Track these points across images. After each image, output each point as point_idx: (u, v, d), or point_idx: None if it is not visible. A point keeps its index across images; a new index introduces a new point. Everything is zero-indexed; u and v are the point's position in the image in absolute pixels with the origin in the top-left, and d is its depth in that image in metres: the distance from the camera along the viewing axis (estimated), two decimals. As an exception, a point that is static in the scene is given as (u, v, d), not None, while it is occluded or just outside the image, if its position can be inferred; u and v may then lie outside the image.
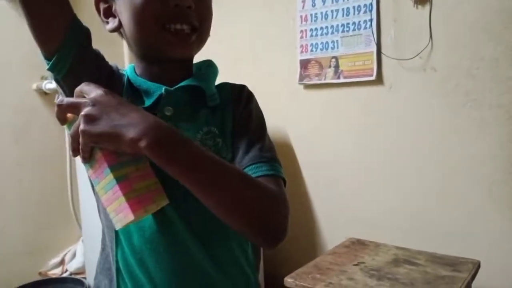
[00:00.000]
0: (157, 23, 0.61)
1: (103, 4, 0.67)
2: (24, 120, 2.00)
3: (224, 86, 0.74)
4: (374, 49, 1.66)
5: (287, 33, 1.92)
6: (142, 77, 0.69)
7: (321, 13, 1.80)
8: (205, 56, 0.76)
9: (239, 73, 2.03)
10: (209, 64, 0.75)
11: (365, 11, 1.68)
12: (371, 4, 1.65)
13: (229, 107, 0.71)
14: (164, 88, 0.65)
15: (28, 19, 0.57)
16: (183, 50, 0.64)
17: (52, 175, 2.09)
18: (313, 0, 1.81)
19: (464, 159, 1.52)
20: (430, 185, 1.59)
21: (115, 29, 0.67)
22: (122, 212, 0.52)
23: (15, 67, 1.94)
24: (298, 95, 1.92)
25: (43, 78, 2.00)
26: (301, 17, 1.86)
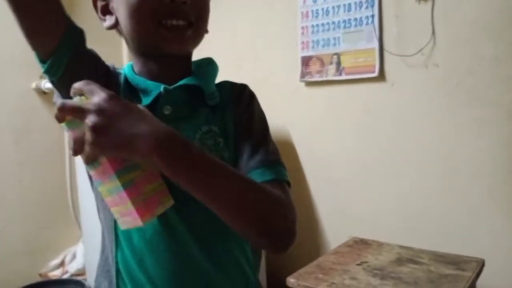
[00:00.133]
0: (153, 19, 0.61)
1: (100, 2, 0.67)
2: (24, 120, 1.99)
3: (224, 85, 0.73)
4: (376, 45, 1.64)
5: (288, 30, 1.91)
6: (140, 75, 0.68)
7: (322, 9, 1.78)
8: (205, 54, 0.75)
9: (240, 71, 2.02)
10: (209, 62, 0.74)
11: (366, 7, 1.66)
12: (373, 0, 1.63)
13: (229, 106, 0.70)
14: (163, 86, 0.64)
15: (20, 23, 0.56)
16: (179, 45, 0.64)
17: (52, 175, 2.08)
18: (314, -4, 1.79)
19: (465, 157, 1.50)
20: (431, 183, 1.58)
21: (112, 26, 0.67)
22: (129, 216, 0.51)
23: (13, 66, 1.93)
24: (300, 93, 1.90)
25: (42, 77, 1.98)
26: (302, 13, 1.85)
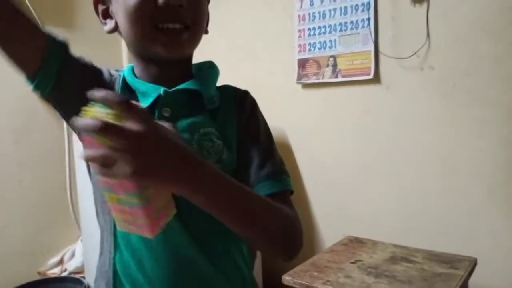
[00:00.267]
0: (149, 23, 0.61)
1: (101, 6, 0.68)
2: (24, 120, 2.01)
3: (227, 89, 0.74)
4: (372, 48, 1.67)
5: (285, 33, 1.93)
6: (141, 77, 0.69)
7: (319, 12, 1.81)
8: (202, 56, 0.76)
9: (237, 73, 2.04)
10: (210, 66, 0.74)
11: (362, 10, 1.68)
12: (369, 3, 1.66)
13: (231, 111, 0.71)
14: (163, 89, 0.65)
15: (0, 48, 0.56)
16: (175, 48, 0.64)
17: (52, 175, 2.09)
18: (311, -1, 1.82)
19: (463, 158, 1.52)
20: (428, 183, 1.60)
21: (112, 30, 0.67)
22: (137, 227, 0.49)
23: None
24: (296, 95, 1.93)
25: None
26: (299, 16, 1.87)
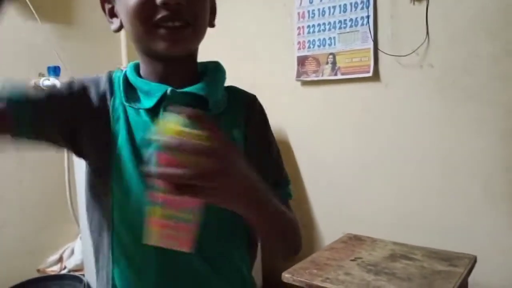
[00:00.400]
0: (149, 22, 0.61)
1: (107, 5, 0.68)
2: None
3: (235, 91, 0.74)
4: (371, 45, 1.67)
5: (284, 30, 1.93)
6: (146, 75, 0.68)
7: (318, 9, 1.80)
8: (202, 54, 0.75)
9: (237, 71, 2.02)
10: (218, 69, 0.73)
11: (362, 8, 1.68)
12: (368, 1, 1.66)
13: (240, 115, 0.71)
14: (171, 89, 0.64)
15: None
16: (175, 45, 0.63)
17: (51, 174, 2.09)
18: (310, -4, 1.82)
19: (461, 155, 1.52)
20: (427, 181, 1.60)
21: (118, 29, 0.67)
22: (175, 242, 0.48)
23: (12, 63, 1.93)
24: (296, 92, 1.93)
25: (41, 75, 1.99)
26: (298, 14, 1.87)
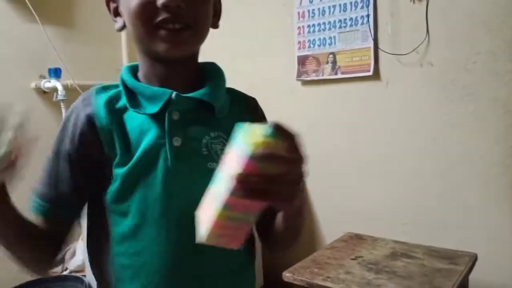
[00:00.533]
0: (150, 23, 0.61)
1: (112, 4, 0.69)
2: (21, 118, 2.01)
3: (235, 94, 0.75)
4: (371, 44, 1.67)
5: (284, 30, 1.93)
6: (146, 77, 0.68)
7: (318, 9, 1.80)
8: (203, 53, 0.75)
9: (237, 70, 2.03)
10: (218, 72, 0.73)
11: (362, 7, 1.68)
12: (368, 0, 1.66)
13: (243, 118, 0.70)
14: (175, 93, 0.64)
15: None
16: (175, 47, 0.63)
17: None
18: (310, -4, 1.82)
19: (461, 153, 1.52)
20: (427, 179, 1.60)
21: (121, 28, 0.68)
22: (229, 241, 0.51)
23: (13, 65, 1.94)
24: (296, 92, 1.93)
25: (42, 77, 2.00)
26: (298, 13, 1.87)
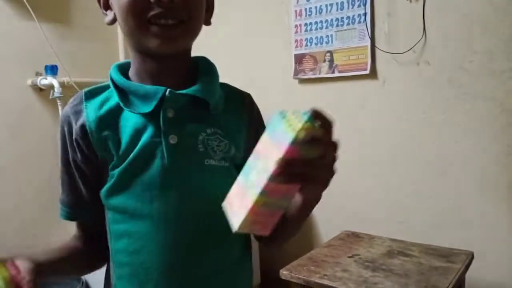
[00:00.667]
0: (142, 18, 0.60)
1: None
2: (19, 117, 2.00)
3: (229, 90, 0.75)
4: (368, 43, 1.67)
5: (281, 28, 1.93)
6: (138, 74, 0.68)
7: (316, 7, 1.80)
8: (200, 51, 0.75)
9: (234, 69, 2.03)
10: (211, 67, 0.73)
11: (359, 5, 1.68)
12: (365, -2, 1.66)
13: (239, 113, 0.72)
14: (169, 90, 0.64)
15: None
16: (168, 43, 0.62)
17: (48, 171, 2.09)
18: (308, -6, 1.82)
19: (458, 151, 1.53)
20: (424, 177, 1.61)
21: (112, 21, 0.67)
22: (261, 228, 0.53)
23: (9, 63, 1.93)
24: (293, 90, 1.93)
25: (38, 74, 1.99)
26: (295, 11, 1.87)
